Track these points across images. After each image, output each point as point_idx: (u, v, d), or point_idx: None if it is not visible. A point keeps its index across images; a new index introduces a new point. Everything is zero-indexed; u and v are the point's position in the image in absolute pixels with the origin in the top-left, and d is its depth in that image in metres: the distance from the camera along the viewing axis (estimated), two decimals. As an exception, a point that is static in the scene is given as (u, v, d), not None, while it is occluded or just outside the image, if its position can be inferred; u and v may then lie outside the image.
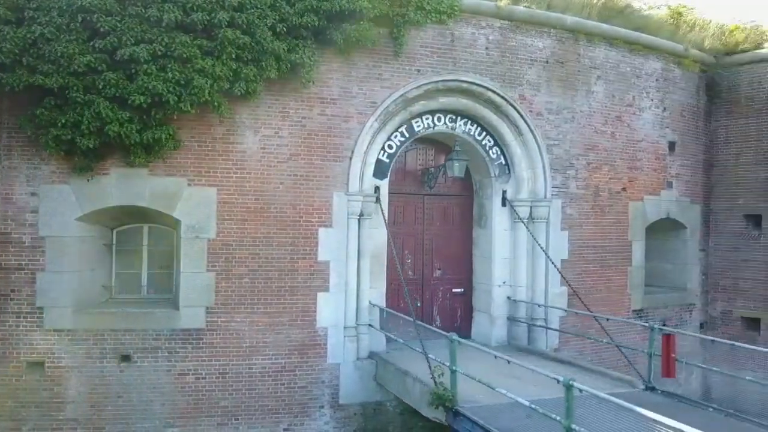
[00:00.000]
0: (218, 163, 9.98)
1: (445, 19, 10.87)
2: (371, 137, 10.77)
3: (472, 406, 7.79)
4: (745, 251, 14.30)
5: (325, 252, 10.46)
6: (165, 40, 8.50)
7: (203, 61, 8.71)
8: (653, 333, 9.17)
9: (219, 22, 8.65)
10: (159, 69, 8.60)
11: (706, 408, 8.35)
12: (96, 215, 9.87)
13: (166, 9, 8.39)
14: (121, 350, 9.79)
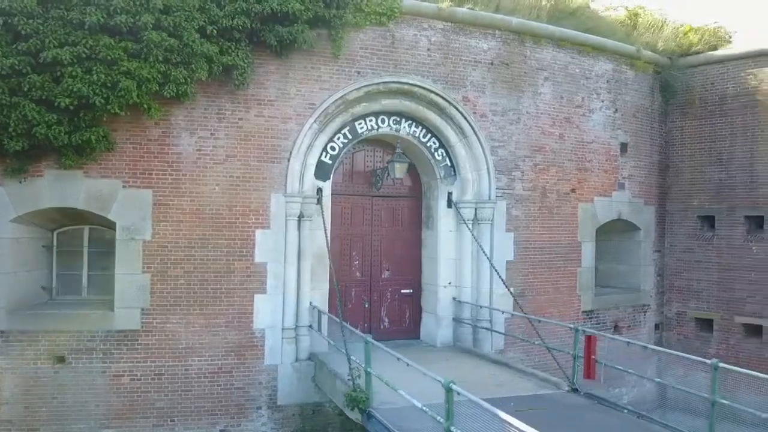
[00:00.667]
0: (154, 165, 9.99)
1: (385, 21, 10.89)
2: (311, 139, 10.78)
3: (386, 407, 7.80)
4: (698, 252, 14.34)
5: (262, 253, 10.48)
6: (89, 43, 8.53)
7: (129, 63, 8.73)
8: (577, 334, 9.15)
9: (144, 25, 8.66)
10: (84, 71, 8.62)
11: (621, 410, 8.40)
12: (31, 217, 9.89)
13: (88, 12, 8.41)
14: (55, 351, 9.81)
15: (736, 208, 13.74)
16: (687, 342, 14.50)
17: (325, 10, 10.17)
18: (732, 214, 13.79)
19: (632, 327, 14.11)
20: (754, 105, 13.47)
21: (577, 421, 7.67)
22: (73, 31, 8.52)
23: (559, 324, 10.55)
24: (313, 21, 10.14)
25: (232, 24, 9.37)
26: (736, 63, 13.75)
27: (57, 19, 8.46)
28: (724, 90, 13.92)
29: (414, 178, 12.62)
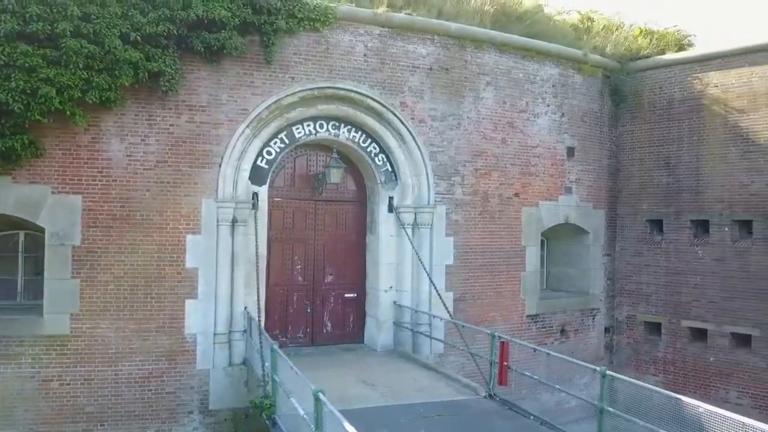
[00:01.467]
0: (83, 171, 10.02)
1: (319, 27, 10.92)
2: (244, 144, 10.81)
3: (290, 414, 7.83)
4: (647, 256, 14.37)
5: (194, 259, 10.51)
6: (6, 50, 8.55)
7: (48, 70, 8.76)
8: (494, 340, 9.19)
9: (62, 32, 8.69)
10: (3, 78, 8.64)
11: (527, 417, 8.44)
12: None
13: (3, 19, 8.45)
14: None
15: (682, 212, 13.78)
16: (636, 345, 14.55)
17: (255, 17, 10.22)
18: (679, 219, 13.84)
19: (580, 331, 14.15)
20: (699, 109, 13.51)
21: (477, 428, 7.71)
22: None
23: (482, 330, 10.53)
24: (242, 27, 10.19)
25: (156, 31, 9.40)
26: (683, 67, 13.79)
27: (-26, 28, 8.50)
28: (672, 94, 13.96)
29: (359, 183, 12.65)
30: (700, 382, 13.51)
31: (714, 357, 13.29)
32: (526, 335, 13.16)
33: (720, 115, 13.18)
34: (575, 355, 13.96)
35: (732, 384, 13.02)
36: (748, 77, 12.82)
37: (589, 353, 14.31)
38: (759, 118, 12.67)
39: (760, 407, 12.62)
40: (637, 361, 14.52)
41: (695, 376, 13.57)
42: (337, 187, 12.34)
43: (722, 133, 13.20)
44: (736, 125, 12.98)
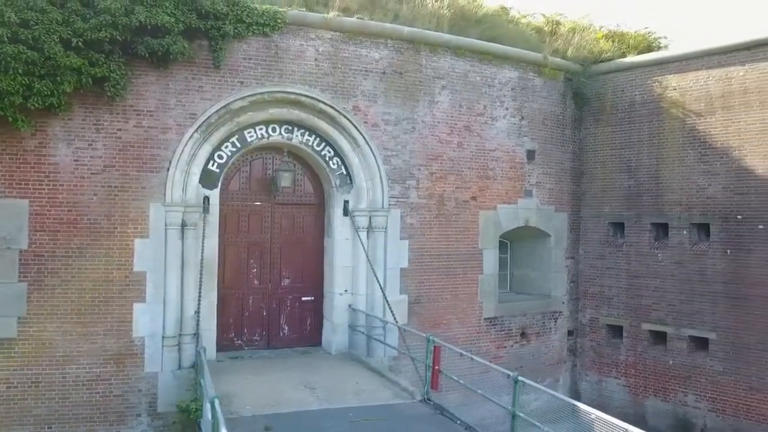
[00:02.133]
0: (30, 175, 10.07)
1: (269, 32, 10.97)
2: (192, 148, 10.86)
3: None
4: (609, 259, 14.38)
5: (142, 263, 10.57)
6: (-57, 56, 8.64)
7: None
8: (429, 344, 9.22)
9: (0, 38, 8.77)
10: (-59, 84, 8.73)
11: (455, 421, 8.48)
12: None
13: (-62, 25, 8.54)
14: (-69, 360, 9.92)
15: (643, 215, 13.79)
16: (599, 348, 14.55)
17: (200, 22, 10.27)
18: (639, 221, 13.84)
19: (542, 334, 14.16)
20: (659, 112, 13.51)
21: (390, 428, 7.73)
22: (-74, 45, 8.63)
23: (418, 334, 10.51)
24: (188, 32, 10.23)
25: (98, 36, 9.46)
26: (643, 70, 13.79)
27: None
28: (633, 97, 13.96)
29: (317, 186, 12.69)
30: (659, 385, 13.51)
31: (673, 360, 13.29)
32: (484, 338, 13.22)
33: (678, 119, 13.19)
34: (537, 358, 14.05)
35: (690, 387, 13.02)
36: (704, 80, 12.82)
37: (551, 356, 14.35)
38: (715, 122, 12.67)
39: (716, 410, 12.63)
40: (600, 363, 14.53)
41: (655, 379, 13.57)
42: (294, 190, 12.39)
43: (680, 136, 13.20)
44: (694, 128, 12.98)
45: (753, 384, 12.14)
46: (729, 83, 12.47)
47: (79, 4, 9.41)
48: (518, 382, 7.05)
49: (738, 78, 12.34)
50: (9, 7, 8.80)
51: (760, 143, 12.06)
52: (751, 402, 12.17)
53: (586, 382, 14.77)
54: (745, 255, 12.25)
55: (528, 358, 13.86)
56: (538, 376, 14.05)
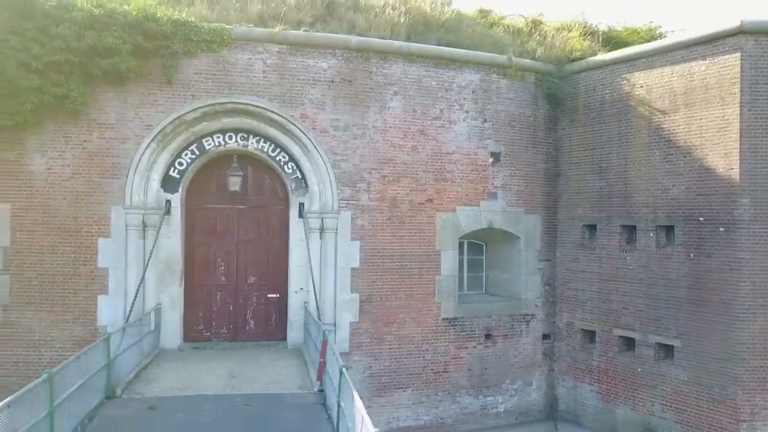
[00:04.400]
0: (11, 183, 11.64)
1: (216, 48, 11.91)
2: (151, 156, 12.00)
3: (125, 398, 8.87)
4: (583, 262, 14.07)
5: (105, 259, 11.84)
6: None
7: (-43, 98, 10.39)
8: (321, 337, 9.67)
9: (-35, 65, 10.31)
10: None
11: (326, 411, 8.81)
12: None
13: None
14: (-68, 339, 11.69)
15: (613, 217, 13.40)
16: (574, 353, 14.24)
17: (148, 42, 11.38)
18: (610, 224, 13.46)
19: (510, 336, 14.08)
20: (627, 111, 13.11)
21: (261, 415, 8.24)
22: None
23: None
24: (138, 52, 11.37)
25: (54, 59, 10.79)
26: (613, 68, 13.42)
27: None
28: (603, 96, 13.62)
29: (283, 190, 13.45)
30: (629, 393, 13.07)
31: (641, 367, 12.82)
32: (442, 338, 13.40)
33: (644, 117, 12.74)
34: (505, 361, 14.03)
35: (657, 396, 12.51)
36: (669, 77, 12.32)
37: (521, 359, 14.22)
38: (678, 119, 12.15)
39: (681, 422, 12.07)
40: (575, 369, 14.21)
41: (625, 387, 13.14)
42: (261, 192, 13.26)
43: (646, 135, 12.75)
44: (659, 127, 12.50)
45: (715, 395, 11.51)
46: (691, 79, 11.93)
47: (36, 32, 10.76)
48: (342, 373, 7.27)
49: (699, 73, 11.79)
50: (-28, 39, 10.30)
51: (720, 141, 11.45)
52: (713, 414, 11.54)
53: (563, 387, 14.48)
54: (706, 258, 11.66)
55: (493, 360, 13.84)
56: (506, 379, 14.03)
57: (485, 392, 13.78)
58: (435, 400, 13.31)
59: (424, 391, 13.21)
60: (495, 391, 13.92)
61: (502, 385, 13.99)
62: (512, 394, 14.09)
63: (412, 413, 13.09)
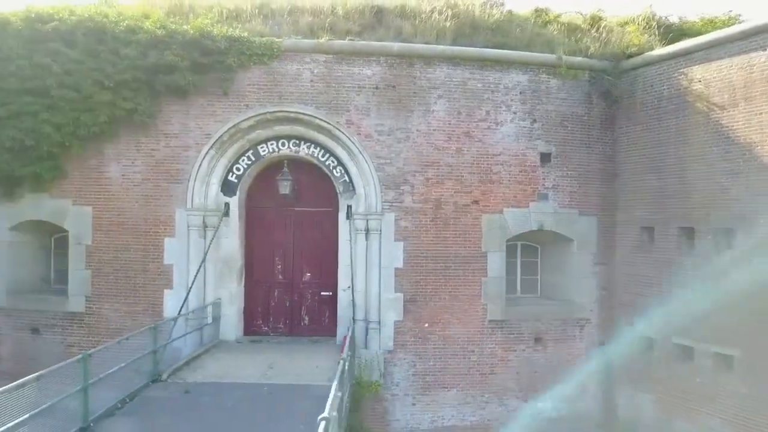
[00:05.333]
0: (93, 188, 13.13)
1: (266, 60, 12.73)
2: (210, 163, 13.04)
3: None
4: (641, 266, 13.48)
5: (170, 257, 13.01)
6: (16, 101, 11.91)
7: (46, 113, 11.92)
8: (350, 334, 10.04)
9: (50, 85, 11.79)
10: (17, 122, 12.01)
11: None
12: (23, 226, 13.65)
13: (10, 81, 11.80)
14: (32, 325, 13.43)
15: (670, 219, 12.76)
16: (633, 362, 13.63)
17: (205, 58, 12.40)
18: (667, 226, 12.82)
19: (562, 341, 13.76)
20: (685, 107, 12.44)
21: (276, 402, 8.79)
22: (6, 94, 11.96)
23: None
24: (196, 67, 12.43)
25: (124, 77, 12.09)
26: (669, 62, 12.78)
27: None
28: (661, 92, 13.00)
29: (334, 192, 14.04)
30: (688, 405, 12.37)
31: (700, 378, 12.10)
32: (489, 340, 13.39)
33: (702, 113, 12.05)
34: (556, 365, 13.75)
35: (716, 410, 11.76)
36: (727, 69, 11.58)
37: (575, 365, 13.83)
38: (737, 114, 11.39)
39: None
40: (633, 377, 13.63)
41: (683, 398, 12.44)
42: (314, 195, 13.97)
43: (704, 132, 12.04)
44: (718, 123, 11.77)
45: (778, 411, 10.67)
46: (750, 71, 11.14)
47: (109, 53, 12.10)
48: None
49: (759, 65, 10.99)
50: (55, 61, 11.78)
51: (782, 137, 10.63)
52: (776, 432, 10.71)
53: (621, 397, 13.92)
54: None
55: (543, 364, 13.60)
56: (558, 384, 13.71)
57: (535, 396, 13.57)
58: (481, 401, 13.32)
59: (469, 392, 13.26)
60: (546, 395, 13.66)
61: (554, 390, 13.70)
62: (565, 400, 13.75)
63: (457, 413, 13.20)
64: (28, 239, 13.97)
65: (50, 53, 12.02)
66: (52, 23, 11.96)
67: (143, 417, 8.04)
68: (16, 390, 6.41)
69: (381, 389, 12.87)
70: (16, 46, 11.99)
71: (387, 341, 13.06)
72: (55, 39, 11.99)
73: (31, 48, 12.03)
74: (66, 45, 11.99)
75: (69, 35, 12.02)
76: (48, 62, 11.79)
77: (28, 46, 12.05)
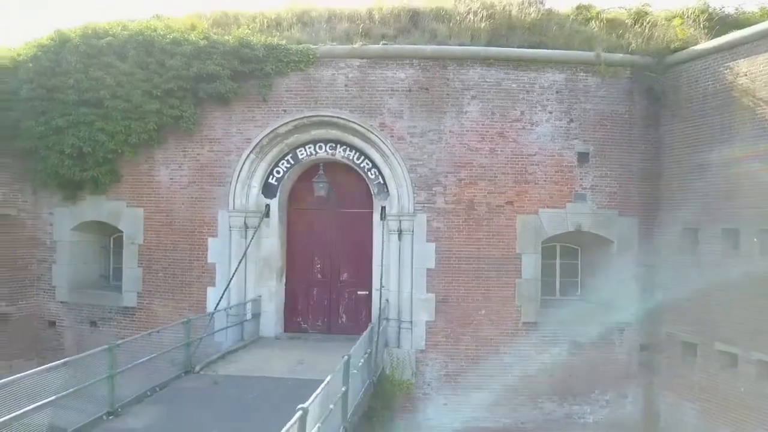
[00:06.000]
0: (144, 190, 14.03)
1: (303, 67, 13.17)
2: (250, 166, 13.62)
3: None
4: (684, 269, 12.97)
5: (213, 256, 13.70)
6: (74, 112, 12.91)
7: (101, 123, 12.86)
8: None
9: (103, 96, 12.71)
10: (76, 131, 13.02)
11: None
12: (83, 226, 14.74)
13: (68, 93, 12.81)
14: (90, 318, 14.49)
15: (715, 220, 12.22)
16: (675, 367, 13.18)
17: (245, 66, 12.98)
18: (712, 227, 12.28)
19: (600, 344, 13.40)
20: (730, 103, 11.90)
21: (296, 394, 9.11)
22: (66, 106, 12.98)
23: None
24: (236, 75, 13.03)
25: (170, 86, 12.85)
26: (715, 57, 12.25)
27: (57, 101, 13.03)
28: (705, 88, 12.48)
29: (369, 193, 14.32)
30: (732, 415, 11.82)
31: (744, 387, 11.55)
32: (523, 342, 13.27)
33: (748, 109, 11.49)
34: (594, 369, 13.51)
35: (760, 421, 11.19)
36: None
37: (614, 369, 13.49)
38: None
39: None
40: (676, 384, 13.15)
41: (727, 408, 11.90)
42: (351, 197, 14.32)
43: (750, 129, 11.48)
44: (764, 119, 11.20)
45: (826, 424, 10.07)
46: (797, 63, 10.57)
47: (156, 65, 12.89)
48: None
49: (806, 56, 10.41)
50: (108, 75, 12.67)
51: (829, 132, 10.02)
52: (824, 446, 10.11)
53: (664, 404, 13.45)
54: (814, 267, 10.24)
55: (580, 368, 13.32)
56: (596, 389, 13.45)
57: (571, 400, 13.34)
58: (515, 403, 13.22)
59: (503, 394, 13.19)
60: (582, 400, 13.40)
61: (591, 394, 13.42)
62: (603, 405, 13.45)
63: (490, 415, 13.16)
64: (88, 239, 15.07)
65: (104, 66, 12.95)
66: (107, 38, 12.87)
67: (167, 404, 8.60)
68: (47, 372, 7.03)
69: (413, 387, 13.03)
70: (75, 61, 12.98)
71: (419, 341, 13.21)
72: (109, 53, 12.91)
73: (87, 62, 12.99)
74: (118, 58, 12.89)
75: (121, 49, 12.91)
76: (101, 75, 12.70)
77: (85, 60, 13.03)
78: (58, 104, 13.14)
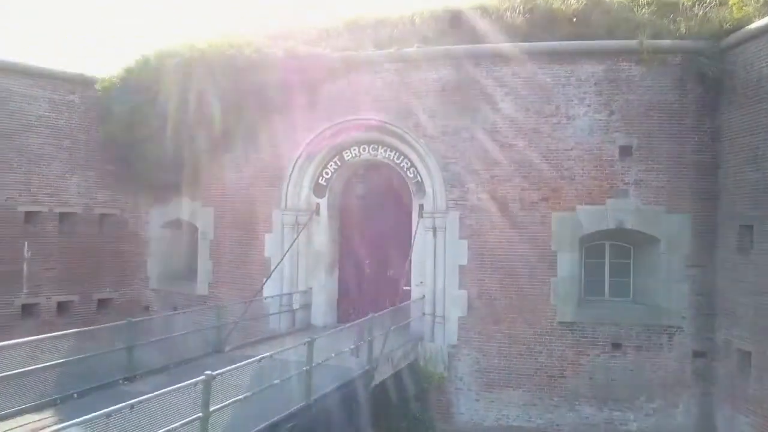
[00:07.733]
0: (214, 192, 15.76)
1: (345, 73, 14.03)
2: (300, 168, 14.74)
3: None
4: (740, 269, 11.88)
5: (269, 250, 15.00)
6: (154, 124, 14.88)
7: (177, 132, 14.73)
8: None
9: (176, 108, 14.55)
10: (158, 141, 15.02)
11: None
12: (170, 224, 16.83)
13: (149, 108, 14.81)
14: (174, 304, 16.41)
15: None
16: (732, 377, 12.08)
17: (292, 75, 14.11)
18: (766, 224, 11.17)
19: (646, 348, 12.66)
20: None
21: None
22: (147, 119, 15.02)
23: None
24: (284, 85, 14.21)
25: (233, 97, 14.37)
26: (767, 36, 11.15)
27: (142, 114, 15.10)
28: (760, 71, 11.37)
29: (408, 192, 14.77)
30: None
31: (798, 401, 10.40)
32: (558, 342, 12.97)
33: (800, 92, 10.36)
34: (639, 375, 12.86)
35: (813, 439, 10.02)
36: (822, 38, 9.84)
37: (662, 376, 12.68)
38: (832, 91, 9.63)
39: (839, 476, 9.51)
40: (732, 395, 12.05)
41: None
42: (392, 195, 14.98)
43: (802, 113, 10.33)
44: (815, 102, 10.05)
45: None
46: None
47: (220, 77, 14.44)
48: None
49: None
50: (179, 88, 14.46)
51: None
52: None
53: (721, 417, 12.36)
54: None
55: (622, 372, 12.67)
56: (641, 395, 12.74)
57: (611, 405, 12.74)
58: (549, 404, 12.92)
59: (536, 394, 12.96)
60: (625, 406, 12.73)
61: (635, 401, 12.70)
62: (649, 414, 12.66)
63: (523, 413, 12.99)
64: (175, 235, 17.13)
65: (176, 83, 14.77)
66: (176, 58, 14.70)
67: (178, 375, 9.80)
68: (62, 338, 8.53)
69: (445, 381, 13.25)
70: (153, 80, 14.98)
71: (451, 336, 13.40)
72: (178, 72, 14.69)
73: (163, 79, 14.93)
74: (184, 75, 14.62)
75: (186, 68, 14.64)
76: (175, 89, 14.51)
77: (162, 78, 14.97)
78: (142, 117, 15.19)
